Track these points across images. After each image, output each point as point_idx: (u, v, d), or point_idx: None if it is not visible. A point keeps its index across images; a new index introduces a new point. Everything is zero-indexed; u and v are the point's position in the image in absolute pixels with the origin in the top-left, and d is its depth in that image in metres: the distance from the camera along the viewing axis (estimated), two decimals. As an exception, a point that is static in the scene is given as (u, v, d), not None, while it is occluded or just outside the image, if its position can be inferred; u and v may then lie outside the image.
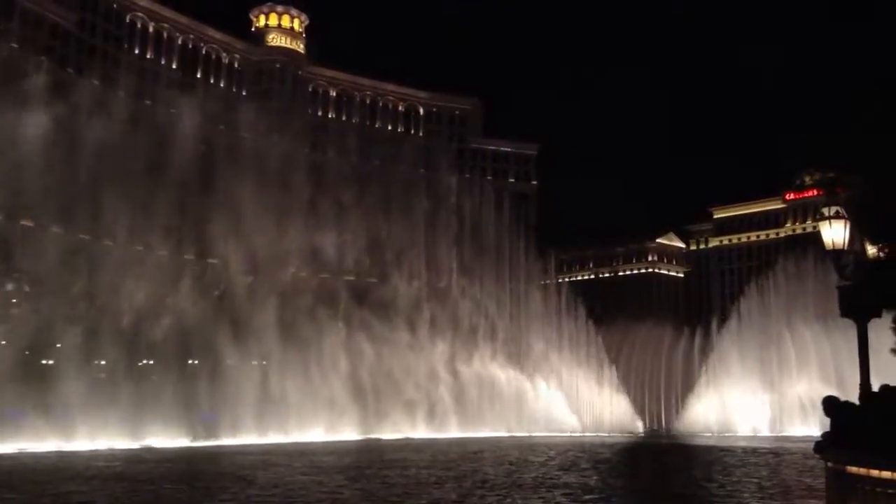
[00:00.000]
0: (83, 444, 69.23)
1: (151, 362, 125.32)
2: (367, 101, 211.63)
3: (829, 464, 19.13)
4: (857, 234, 21.43)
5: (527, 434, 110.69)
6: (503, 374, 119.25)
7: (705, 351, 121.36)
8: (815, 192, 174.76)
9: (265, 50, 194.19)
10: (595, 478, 44.57)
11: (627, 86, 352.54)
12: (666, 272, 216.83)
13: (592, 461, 57.28)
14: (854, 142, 18.84)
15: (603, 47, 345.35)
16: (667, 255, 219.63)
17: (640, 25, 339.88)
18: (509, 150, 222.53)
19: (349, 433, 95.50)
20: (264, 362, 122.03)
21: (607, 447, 76.92)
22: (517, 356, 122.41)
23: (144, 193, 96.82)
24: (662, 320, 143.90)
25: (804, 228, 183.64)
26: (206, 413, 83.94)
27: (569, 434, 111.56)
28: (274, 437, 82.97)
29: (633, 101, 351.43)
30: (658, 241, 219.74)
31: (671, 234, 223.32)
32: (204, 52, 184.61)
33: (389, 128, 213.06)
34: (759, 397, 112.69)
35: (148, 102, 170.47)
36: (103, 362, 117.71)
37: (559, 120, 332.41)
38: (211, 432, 79.79)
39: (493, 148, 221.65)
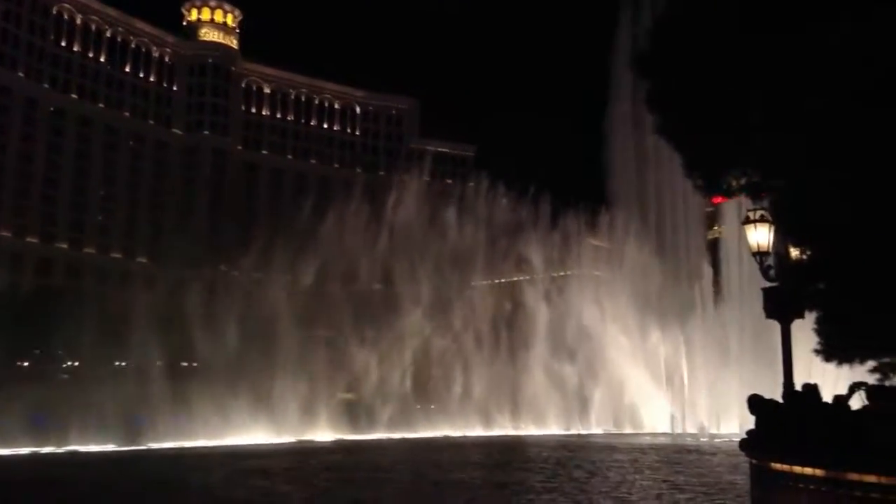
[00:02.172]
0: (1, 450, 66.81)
1: (76, 364, 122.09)
2: (303, 99, 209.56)
3: (754, 461, 19.66)
4: (781, 237, 22.07)
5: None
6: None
7: None
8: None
9: (197, 45, 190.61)
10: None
11: (565, 86, 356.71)
12: (595, 273, 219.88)
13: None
14: (775, 144, 19.38)
15: (543, 48, 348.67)
16: (597, 257, 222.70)
17: (578, 30, 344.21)
18: (447, 150, 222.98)
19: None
20: (195, 364, 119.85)
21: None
22: None
23: None
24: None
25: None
26: (138, 416, 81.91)
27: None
28: (206, 441, 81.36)
29: (570, 104, 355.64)
30: (589, 242, 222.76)
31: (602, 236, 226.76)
32: (134, 45, 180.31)
33: (325, 126, 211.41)
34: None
35: (74, 96, 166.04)
36: (26, 364, 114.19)
37: (497, 120, 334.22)
38: (142, 436, 77.81)
39: (430, 148, 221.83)
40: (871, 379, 20.32)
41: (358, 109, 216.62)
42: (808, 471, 15.88)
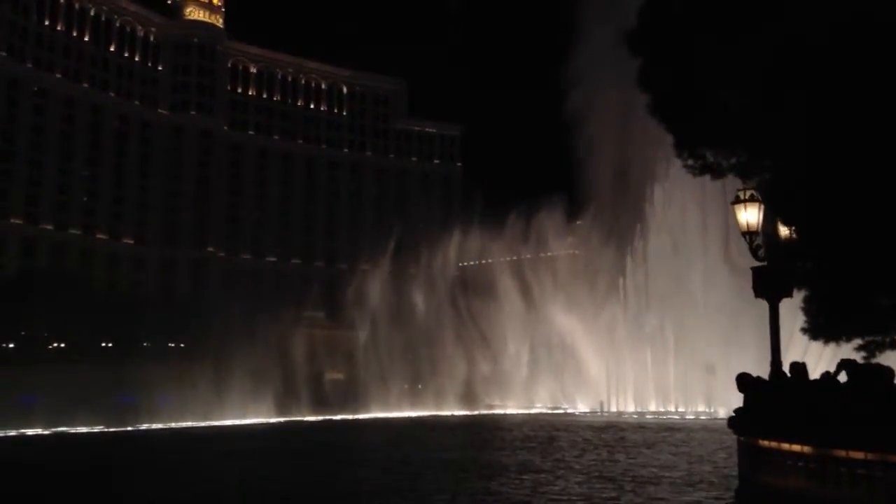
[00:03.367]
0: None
1: (62, 345, 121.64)
2: (289, 79, 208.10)
3: (742, 438, 19.85)
4: (771, 216, 22.14)
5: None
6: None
7: None
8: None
9: (182, 24, 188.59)
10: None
11: (553, 67, 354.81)
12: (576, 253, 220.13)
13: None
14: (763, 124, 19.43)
15: (527, 27, 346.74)
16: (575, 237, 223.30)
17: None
18: (434, 131, 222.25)
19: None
20: (182, 345, 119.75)
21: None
22: None
23: None
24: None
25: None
26: (126, 396, 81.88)
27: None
28: (194, 422, 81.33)
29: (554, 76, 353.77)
30: (580, 222, 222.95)
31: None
32: (118, 24, 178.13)
33: (312, 106, 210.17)
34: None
35: (58, 76, 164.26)
36: (10, 346, 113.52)
37: (485, 100, 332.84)
38: (129, 416, 77.68)
39: (417, 129, 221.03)
40: (859, 357, 20.50)
41: (345, 90, 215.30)
42: (796, 447, 16.03)
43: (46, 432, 68.48)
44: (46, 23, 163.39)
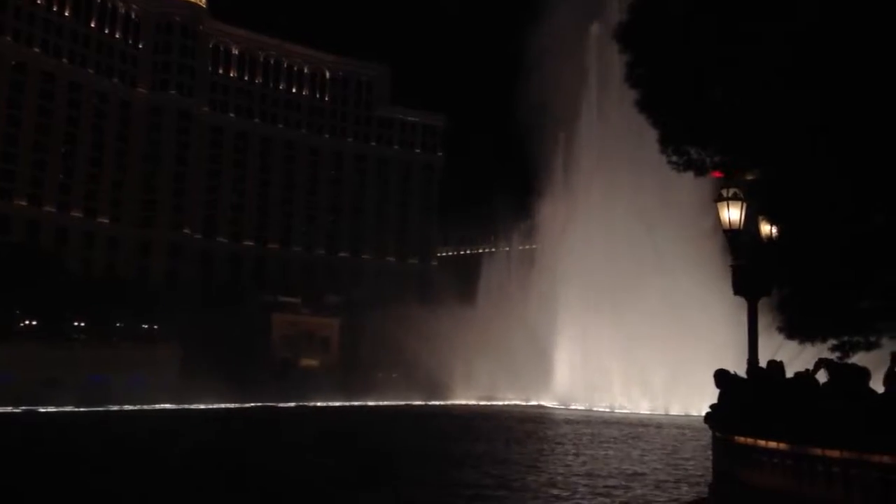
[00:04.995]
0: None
1: (34, 323, 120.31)
2: (271, 62, 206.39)
3: (717, 434, 19.97)
4: (754, 214, 22.23)
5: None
6: None
7: None
8: (717, 174, 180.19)
9: (164, 1, 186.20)
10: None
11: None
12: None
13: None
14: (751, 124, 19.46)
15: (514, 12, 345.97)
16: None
17: None
18: (417, 119, 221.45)
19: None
20: (155, 327, 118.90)
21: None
22: None
23: None
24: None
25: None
26: (97, 376, 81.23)
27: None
28: (169, 404, 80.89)
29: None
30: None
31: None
32: (98, 1, 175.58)
33: (294, 90, 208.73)
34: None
35: (37, 50, 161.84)
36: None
37: (470, 88, 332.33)
38: (100, 397, 77.07)
39: (400, 117, 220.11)
40: (833, 357, 20.66)
41: (327, 74, 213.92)
42: (773, 444, 16.15)
43: (17, 410, 67.86)
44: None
